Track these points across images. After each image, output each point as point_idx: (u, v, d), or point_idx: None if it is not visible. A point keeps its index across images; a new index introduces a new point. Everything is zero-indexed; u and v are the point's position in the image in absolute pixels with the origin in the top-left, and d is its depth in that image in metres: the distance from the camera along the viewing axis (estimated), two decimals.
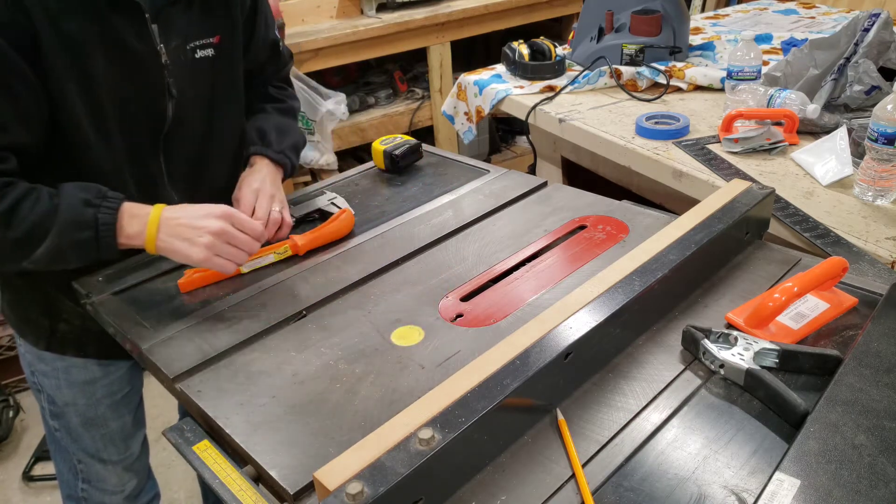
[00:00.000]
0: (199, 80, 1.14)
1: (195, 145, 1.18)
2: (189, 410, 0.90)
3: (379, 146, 1.46)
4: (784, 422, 0.77)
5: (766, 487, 0.65)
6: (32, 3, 0.92)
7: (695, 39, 2.18)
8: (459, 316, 0.99)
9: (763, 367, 0.82)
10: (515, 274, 1.09)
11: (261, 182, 1.19)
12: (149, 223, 1.00)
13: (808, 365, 0.83)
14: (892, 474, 0.65)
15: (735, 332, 0.86)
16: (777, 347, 0.83)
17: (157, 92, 1.08)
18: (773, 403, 0.78)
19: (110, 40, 1.00)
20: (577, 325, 0.82)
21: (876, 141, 1.22)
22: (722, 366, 0.83)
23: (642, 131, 1.58)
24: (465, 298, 1.03)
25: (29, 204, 0.96)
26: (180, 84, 1.10)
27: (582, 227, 1.19)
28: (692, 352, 0.87)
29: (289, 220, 1.19)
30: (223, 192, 1.24)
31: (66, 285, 1.14)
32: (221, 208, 1.03)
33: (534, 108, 1.82)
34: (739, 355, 0.83)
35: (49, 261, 0.99)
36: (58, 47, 0.96)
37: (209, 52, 1.13)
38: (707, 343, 0.85)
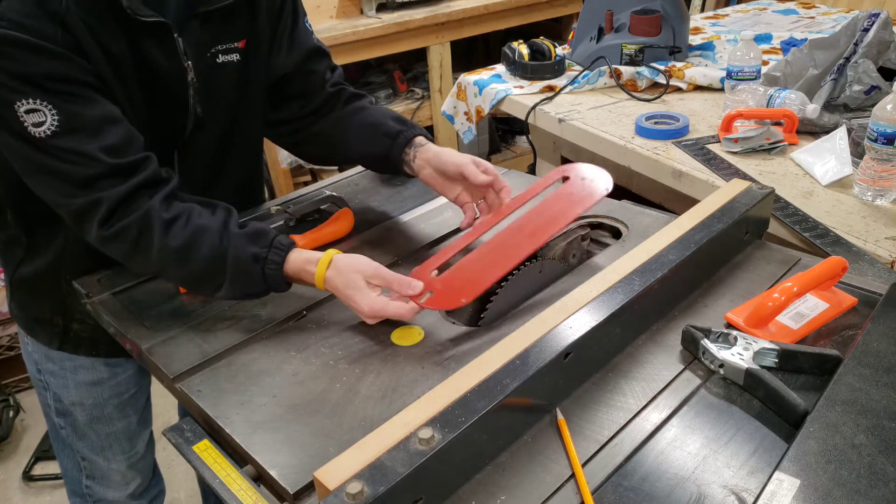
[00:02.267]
0: (223, 86, 1.11)
1: (213, 148, 1.16)
2: (189, 410, 0.90)
3: None
4: (784, 422, 0.77)
5: (766, 487, 0.65)
6: (76, 22, 0.91)
7: (694, 39, 2.18)
8: (430, 293, 0.96)
9: (763, 366, 0.82)
10: (493, 241, 1.04)
11: (451, 154, 1.14)
12: (316, 282, 0.98)
13: (808, 365, 0.83)
14: (892, 474, 0.66)
15: (735, 332, 0.86)
16: (777, 347, 0.83)
17: (180, 109, 1.07)
18: (772, 403, 0.79)
19: (142, 60, 0.99)
20: (577, 324, 0.82)
21: (875, 141, 1.22)
22: (721, 365, 0.83)
23: (642, 131, 1.58)
24: (441, 269, 1.01)
25: (201, 245, 0.96)
26: (204, 98, 1.08)
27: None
28: (692, 351, 0.87)
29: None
30: (240, 188, 1.24)
31: None
32: (373, 279, 0.96)
33: (533, 108, 1.82)
34: (739, 355, 0.83)
35: (230, 299, 1.04)
36: (104, 64, 0.95)
37: (234, 56, 1.10)
38: (706, 343, 0.85)
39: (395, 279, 0.96)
